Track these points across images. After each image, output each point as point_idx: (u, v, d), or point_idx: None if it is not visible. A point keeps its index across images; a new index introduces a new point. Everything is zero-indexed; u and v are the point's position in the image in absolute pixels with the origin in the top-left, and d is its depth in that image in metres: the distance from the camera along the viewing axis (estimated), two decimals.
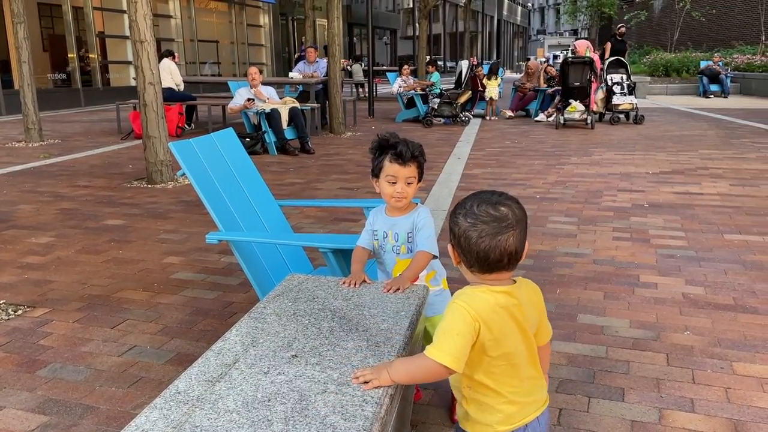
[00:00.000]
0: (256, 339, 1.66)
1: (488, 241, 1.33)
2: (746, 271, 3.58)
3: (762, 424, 2.12)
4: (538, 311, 1.46)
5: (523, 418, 1.42)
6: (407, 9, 42.32)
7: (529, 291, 1.45)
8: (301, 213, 5.09)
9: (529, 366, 1.45)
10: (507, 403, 1.42)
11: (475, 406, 1.46)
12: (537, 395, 1.46)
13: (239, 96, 8.41)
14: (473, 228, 1.34)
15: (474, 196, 1.40)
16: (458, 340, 1.33)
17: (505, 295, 1.38)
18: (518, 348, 1.41)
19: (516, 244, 1.34)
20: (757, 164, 6.87)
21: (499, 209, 1.35)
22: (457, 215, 1.38)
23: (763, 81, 17.46)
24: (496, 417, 1.42)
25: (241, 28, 23.27)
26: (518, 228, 1.34)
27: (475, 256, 1.35)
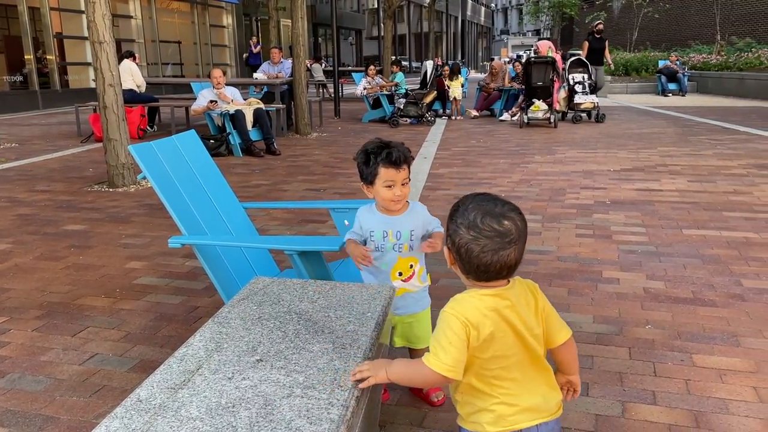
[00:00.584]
0: (220, 344, 1.64)
1: (490, 257, 1.32)
2: (704, 265, 3.68)
3: (721, 415, 2.18)
4: (539, 310, 1.43)
5: (517, 423, 1.40)
6: (372, 9, 42.36)
7: (524, 290, 1.43)
8: (267, 215, 5.05)
9: (530, 368, 1.42)
10: (499, 404, 1.40)
11: (468, 407, 1.46)
12: (541, 402, 1.42)
13: (202, 97, 8.30)
14: (475, 242, 1.32)
15: (477, 205, 1.36)
16: (453, 350, 1.34)
17: (495, 298, 1.37)
18: (512, 350, 1.39)
19: (517, 257, 1.34)
20: (713, 161, 7.07)
21: (503, 223, 1.32)
22: (459, 225, 1.36)
23: (718, 79, 17.98)
24: (487, 417, 1.41)
25: (204, 28, 22.97)
26: (521, 241, 1.34)
27: (474, 268, 1.35)
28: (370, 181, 2.10)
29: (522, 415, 1.40)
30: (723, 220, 4.59)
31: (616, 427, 2.13)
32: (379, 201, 2.14)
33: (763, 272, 3.52)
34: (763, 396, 2.28)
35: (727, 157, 7.24)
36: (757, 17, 21.68)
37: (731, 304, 3.10)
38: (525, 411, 1.40)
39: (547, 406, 1.43)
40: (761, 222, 4.52)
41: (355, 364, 1.52)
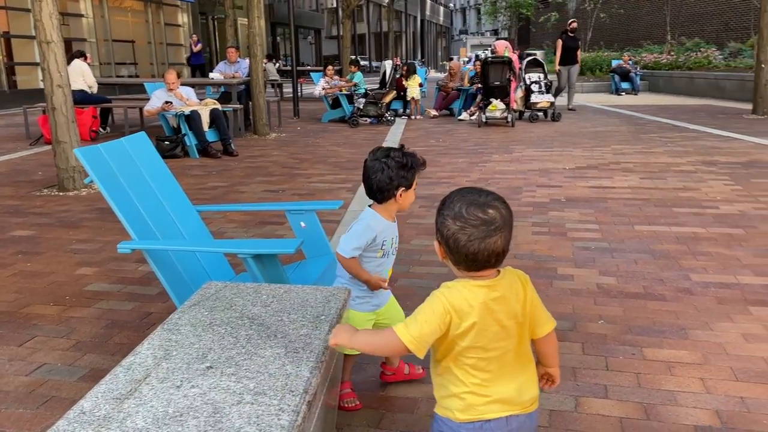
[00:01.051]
0: (169, 351, 1.60)
1: (477, 245, 1.35)
2: (654, 260, 3.77)
3: (669, 406, 2.24)
4: (527, 301, 1.45)
5: (486, 413, 1.41)
6: (331, 8, 42.20)
7: (514, 281, 1.44)
8: (224, 217, 4.97)
9: (509, 362, 1.44)
10: (469, 393, 1.42)
11: (442, 390, 1.48)
12: (514, 395, 1.43)
13: (156, 98, 8.14)
14: (462, 231, 1.35)
15: (461, 197, 1.39)
16: (425, 327, 1.38)
17: (486, 289, 1.39)
18: (493, 344, 1.41)
19: (504, 245, 1.36)
20: (664, 158, 7.27)
21: (488, 212, 1.36)
22: (446, 217, 1.39)
23: (669, 79, 18.51)
24: (457, 404, 1.43)
25: (158, 27, 22.52)
26: (506, 229, 1.36)
27: (463, 257, 1.37)
28: (409, 185, 2.13)
29: (492, 406, 1.42)
30: (673, 216, 4.72)
31: (569, 421, 2.17)
32: (404, 206, 2.18)
33: (710, 266, 3.64)
34: (710, 387, 2.36)
35: (677, 155, 7.46)
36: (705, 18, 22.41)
37: (680, 298, 3.19)
38: (495, 402, 1.42)
39: (520, 400, 1.45)
40: (708, 217, 4.66)
41: (307, 370, 1.50)
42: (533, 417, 1.48)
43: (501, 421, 1.42)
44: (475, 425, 1.41)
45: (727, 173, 6.26)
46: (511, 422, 1.43)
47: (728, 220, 4.59)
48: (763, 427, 2.11)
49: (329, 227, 4.63)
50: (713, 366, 2.50)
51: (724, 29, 21.25)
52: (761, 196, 5.27)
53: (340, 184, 6.29)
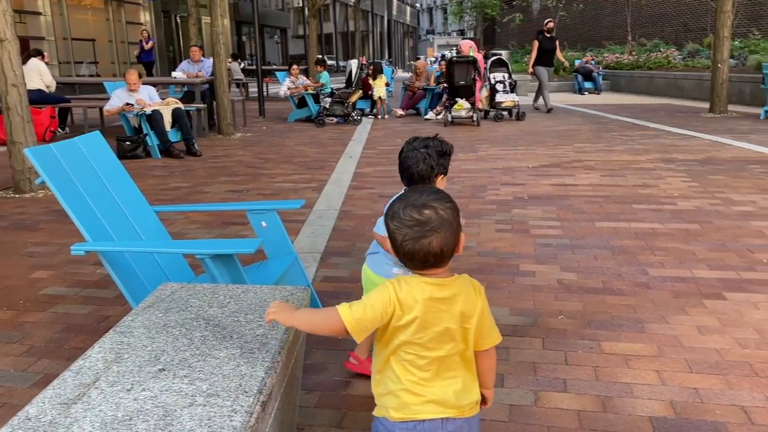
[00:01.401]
0: (120, 354, 1.57)
1: (411, 245, 1.36)
2: (614, 255, 3.84)
3: (626, 398, 2.28)
4: (476, 311, 1.43)
5: (419, 413, 1.41)
6: (297, 8, 41.96)
7: (466, 287, 1.44)
8: (186, 218, 4.90)
9: (452, 368, 1.43)
10: (404, 391, 1.42)
11: (380, 387, 1.48)
12: (451, 398, 1.42)
13: (116, 97, 7.98)
14: (398, 231, 1.37)
15: (404, 198, 1.41)
16: (368, 311, 1.38)
17: (433, 287, 1.39)
18: (437, 345, 1.40)
19: (441, 245, 1.36)
20: (624, 156, 7.41)
21: (423, 213, 1.36)
22: (387, 216, 1.41)
23: (630, 78, 18.88)
24: (392, 402, 1.43)
25: (119, 25, 22.09)
26: (443, 229, 1.36)
27: (402, 256, 1.39)
28: (446, 172, 2.20)
29: (426, 406, 1.41)
30: (632, 212, 4.82)
31: (529, 415, 2.19)
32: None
33: (667, 261, 3.72)
34: (665, 378, 2.41)
35: (636, 152, 7.61)
36: (665, 19, 22.92)
37: (637, 292, 3.25)
38: (430, 403, 1.41)
39: (458, 404, 1.43)
40: (666, 213, 4.77)
41: (263, 370, 1.49)
42: (473, 423, 1.47)
43: (436, 423, 1.41)
44: (408, 425, 1.41)
45: (685, 170, 6.41)
46: (447, 425, 1.41)
47: (685, 215, 4.70)
48: (715, 416, 2.16)
49: (294, 227, 4.60)
50: (668, 358, 2.56)
51: (683, 30, 21.77)
52: (716, 192, 5.42)
53: (305, 183, 6.25)
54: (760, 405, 2.21)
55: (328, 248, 4.13)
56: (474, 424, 1.48)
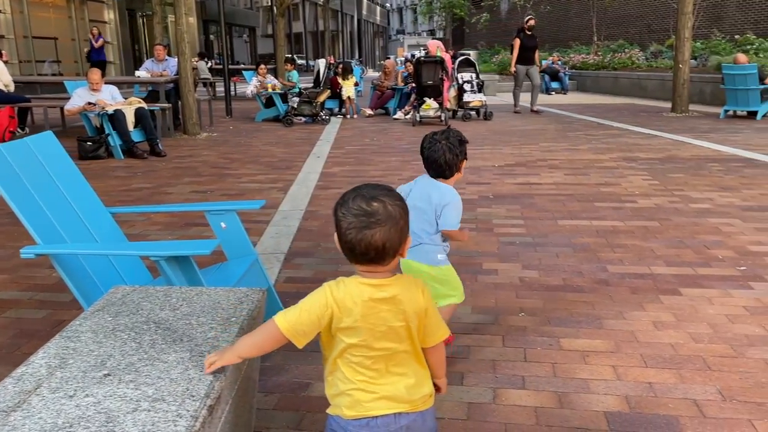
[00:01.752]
0: (65, 360, 1.53)
1: (354, 234, 1.36)
2: (575, 253, 3.89)
3: (582, 394, 2.31)
4: (420, 310, 1.44)
5: (372, 410, 1.41)
6: (266, 7, 41.64)
7: (408, 286, 1.44)
8: (148, 219, 4.82)
9: (401, 364, 1.44)
10: (357, 390, 1.42)
11: (332, 389, 1.47)
12: (403, 393, 1.43)
13: (77, 97, 7.81)
14: (344, 219, 1.38)
15: (356, 189, 1.42)
16: (304, 316, 1.39)
17: (375, 288, 1.39)
18: (383, 344, 1.41)
19: (383, 240, 1.36)
20: (588, 155, 7.52)
21: (372, 204, 1.37)
22: (336, 205, 1.41)
23: (595, 78, 19.18)
24: (345, 401, 1.43)
25: (82, 24, 21.64)
26: (388, 224, 1.36)
27: (344, 245, 1.39)
28: (466, 156, 2.59)
29: (378, 403, 1.42)
30: (594, 211, 4.89)
31: (487, 413, 2.20)
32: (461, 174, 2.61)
33: (626, 258, 3.78)
34: (621, 374, 2.45)
35: (600, 151, 7.73)
36: (629, 20, 23.33)
37: (596, 289, 3.30)
38: (382, 399, 1.42)
39: (410, 398, 1.45)
40: (627, 211, 4.85)
41: (211, 374, 1.47)
42: (427, 416, 1.48)
43: (389, 418, 1.42)
44: (361, 422, 1.41)
45: (646, 169, 6.53)
46: (400, 420, 1.42)
47: (645, 213, 4.78)
48: (668, 410, 2.20)
49: (259, 227, 4.56)
50: (624, 353, 2.60)
51: (646, 31, 22.20)
52: (676, 190, 5.53)
53: (271, 184, 6.20)
54: (712, 398, 2.26)
55: (293, 249, 4.11)
56: (428, 418, 1.49)
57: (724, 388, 2.32)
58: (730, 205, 4.97)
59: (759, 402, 2.23)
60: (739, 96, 10.74)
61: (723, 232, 4.25)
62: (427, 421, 1.48)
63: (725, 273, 3.49)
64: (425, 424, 1.48)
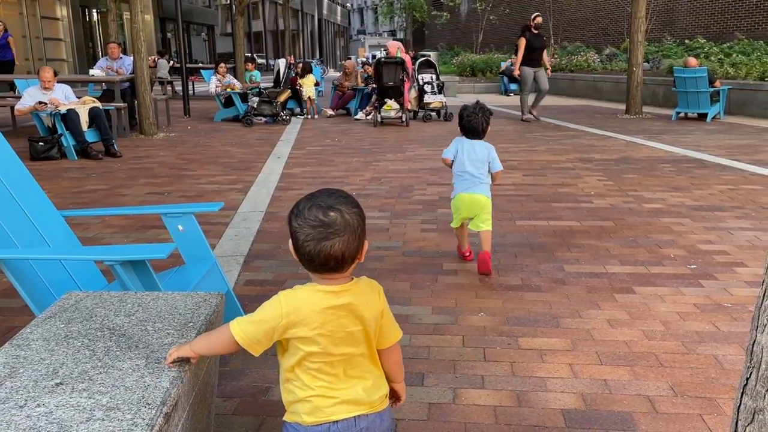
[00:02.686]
0: (15, 369, 1.48)
1: (312, 246, 1.34)
2: (533, 253, 3.96)
3: (540, 392, 2.35)
4: (377, 312, 1.45)
5: (333, 414, 1.41)
6: (225, 5, 41.09)
7: (365, 290, 1.44)
8: (102, 222, 4.71)
9: (358, 367, 1.45)
10: (316, 397, 1.42)
11: (289, 396, 1.46)
12: (362, 396, 1.44)
13: (28, 96, 7.57)
14: (301, 230, 1.35)
15: (310, 197, 1.39)
16: (258, 326, 1.39)
17: (332, 295, 1.38)
18: (339, 349, 1.40)
19: (342, 249, 1.35)
20: (545, 156, 7.66)
21: (328, 214, 1.35)
22: (291, 214, 1.39)
23: (552, 80, 19.35)
24: (305, 407, 1.42)
25: (34, 20, 20.97)
26: (346, 234, 1.35)
27: (302, 257, 1.38)
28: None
29: (339, 407, 1.42)
30: (551, 211, 4.98)
31: (447, 413, 2.22)
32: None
33: (583, 257, 3.87)
34: (577, 372, 2.50)
35: (557, 152, 7.88)
36: (585, 23, 23.85)
37: (554, 288, 3.36)
38: (343, 403, 1.42)
39: (369, 400, 1.46)
40: (583, 211, 4.96)
41: (168, 380, 1.44)
42: (384, 416, 1.49)
43: (349, 422, 1.42)
44: (322, 428, 1.41)
45: (601, 169, 6.69)
46: (360, 422, 1.43)
47: (600, 213, 4.90)
48: (623, 407, 2.26)
49: (217, 230, 4.51)
50: (581, 352, 2.66)
51: (602, 34, 22.72)
52: (630, 190, 5.68)
53: (230, 185, 6.13)
54: (664, 394, 2.33)
55: (252, 251, 4.07)
56: (386, 417, 1.50)
57: (675, 384, 2.40)
58: (682, 204, 5.13)
59: (709, 397, 2.31)
60: (689, 98, 11.09)
61: (675, 232, 4.38)
62: (384, 421, 1.50)
63: (677, 271, 3.61)
64: (383, 424, 1.49)
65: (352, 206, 1.38)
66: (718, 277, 3.52)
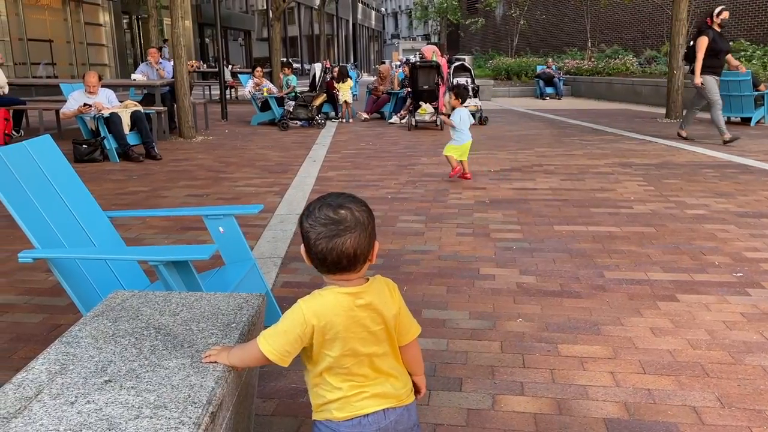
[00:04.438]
0: (65, 366, 1.52)
1: (324, 244, 1.35)
2: (572, 258, 3.90)
3: (581, 401, 2.31)
4: (395, 310, 1.46)
5: (363, 408, 1.43)
6: (261, 10, 41.66)
7: (382, 289, 1.46)
8: (143, 223, 4.80)
9: (383, 363, 1.46)
10: (346, 396, 1.43)
11: (319, 399, 1.48)
12: (390, 390, 1.46)
13: (73, 100, 7.78)
14: (312, 230, 1.37)
15: (320, 199, 1.42)
16: (283, 337, 1.40)
17: (353, 296, 1.40)
18: (366, 349, 1.42)
19: (354, 246, 1.36)
20: (583, 160, 7.55)
21: (339, 212, 1.36)
22: (302, 216, 1.41)
23: (590, 84, 19.26)
24: (335, 404, 1.44)
25: (78, 26, 21.59)
26: (357, 230, 1.36)
27: (315, 257, 1.38)
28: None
29: (368, 401, 1.44)
30: (590, 216, 4.90)
31: (486, 419, 2.20)
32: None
33: (623, 263, 3.79)
34: (619, 380, 2.45)
35: (595, 157, 7.76)
36: (624, 26, 23.47)
37: (594, 295, 3.31)
38: (372, 397, 1.44)
39: (396, 393, 1.48)
40: (623, 217, 4.87)
41: (213, 380, 1.46)
42: (411, 409, 1.51)
43: (378, 415, 1.44)
44: (353, 422, 1.43)
45: (641, 174, 6.56)
46: (389, 415, 1.45)
47: (641, 219, 4.80)
48: (668, 417, 2.20)
49: (255, 231, 4.56)
50: (623, 360, 2.61)
51: (641, 37, 22.32)
52: (671, 195, 5.55)
53: (267, 188, 6.19)
54: (711, 405, 2.27)
55: (289, 253, 4.10)
56: (412, 411, 1.52)
57: (722, 395, 2.33)
58: (726, 211, 4.99)
59: (758, 409, 2.24)
60: (733, 102, 10.80)
61: (719, 238, 4.27)
62: (411, 416, 1.52)
63: (722, 279, 3.51)
64: (410, 418, 1.51)
65: (360, 205, 1.41)
66: (765, 285, 3.41)
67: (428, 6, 38.45)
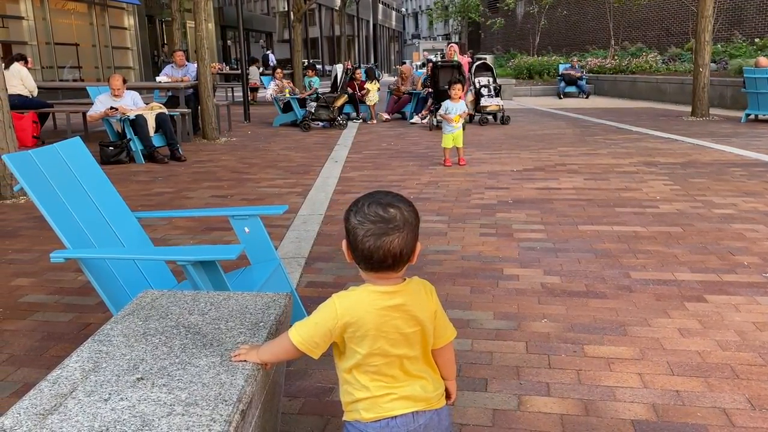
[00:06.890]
0: (98, 364, 1.55)
1: (373, 241, 1.35)
2: (597, 259, 3.87)
3: (608, 402, 2.29)
4: (431, 313, 1.46)
5: (392, 410, 1.42)
6: (282, 12, 41.90)
7: (418, 291, 1.45)
8: (169, 224, 4.87)
9: (414, 366, 1.46)
10: (374, 396, 1.43)
11: (347, 397, 1.48)
12: (419, 392, 1.45)
13: (99, 103, 7.91)
14: (360, 226, 1.36)
15: (368, 196, 1.41)
16: (314, 329, 1.41)
17: (386, 296, 1.39)
18: (397, 351, 1.42)
19: (401, 246, 1.36)
20: (607, 159, 7.47)
21: (389, 210, 1.36)
22: (349, 212, 1.40)
23: (613, 82, 19.04)
24: (363, 404, 1.44)
25: (103, 30, 21.90)
26: (405, 230, 1.36)
27: (360, 254, 1.38)
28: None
29: (397, 403, 1.43)
30: (615, 216, 4.85)
31: (512, 420, 2.19)
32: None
33: (649, 264, 3.75)
34: (647, 381, 2.42)
35: (619, 156, 7.67)
36: (647, 24, 23.17)
37: (620, 296, 3.27)
38: (401, 399, 1.43)
39: (426, 396, 1.46)
40: (648, 216, 4.81)
41: (243, 378, 1.48)
42: (443, 414, 1.49)
43: (407, 417, 1.43)
44: (381, 423, 1.42)
45: (667, 173, 6.47)
46: (419, 418, 1.44)
47: (667, 218, 4.74)
48: (696, 419, 2.18)
49: (279, 232, 4.59)
50: (650, 361, 2.58)
51: (665, 34, 22.02)
52: (698, 195, 5.47)
53: (290, 188, 6.23)
54: (741, 407, 2.24)
55: (313, 253, 4.12)
56: (443, 416, 1.50)
57: (753, 397, 2.29)
58: (755, 210, 4.91)
59: None
60: (761, 100, 10.61)
61: (748, 238, 4.20)
62: (442, 420, 1.50)
63: (751, 280, 3.45)
64: (441, 423, 1.49)
65: (408, 205, 1.41)
66: None
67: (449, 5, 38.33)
